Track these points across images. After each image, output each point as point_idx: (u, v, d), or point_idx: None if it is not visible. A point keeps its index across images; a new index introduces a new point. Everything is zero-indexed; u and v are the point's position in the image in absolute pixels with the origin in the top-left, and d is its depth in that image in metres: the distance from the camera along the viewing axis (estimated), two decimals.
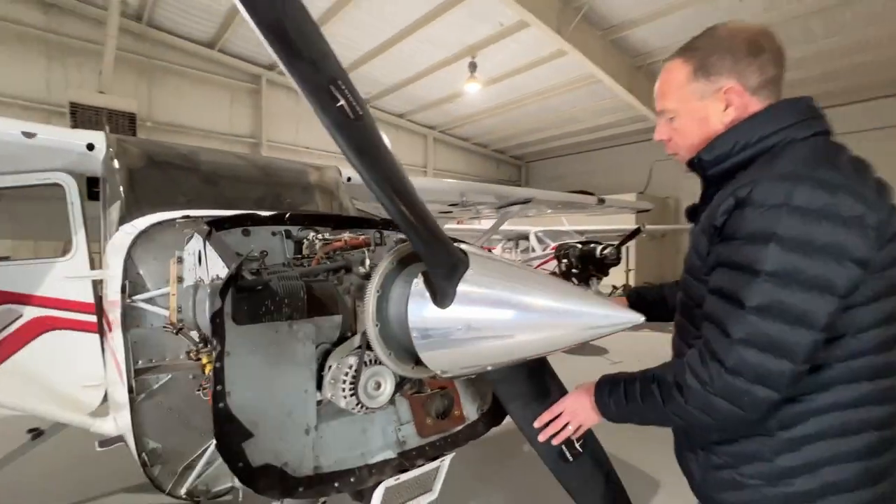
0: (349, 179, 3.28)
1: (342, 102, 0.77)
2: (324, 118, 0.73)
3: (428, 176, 14.50)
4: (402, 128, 14.78)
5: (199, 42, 10.68)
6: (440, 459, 1.43)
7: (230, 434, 1.04)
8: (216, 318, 1.04)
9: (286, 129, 12.41)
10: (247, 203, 2.44)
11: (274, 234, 1.50)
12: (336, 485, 1.24)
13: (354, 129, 0.77)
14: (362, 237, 1.42)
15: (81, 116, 8.84)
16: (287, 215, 1.53)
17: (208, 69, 11.06)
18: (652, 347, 2.73)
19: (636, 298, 1.42)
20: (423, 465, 1.38)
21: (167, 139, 10.07)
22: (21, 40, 8.82)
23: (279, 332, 1.16)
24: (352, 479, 1.27)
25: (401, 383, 1.24)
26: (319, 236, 1.47)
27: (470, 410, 1.60)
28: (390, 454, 1.38)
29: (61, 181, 2.38)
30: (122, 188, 2.19)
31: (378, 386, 1.19)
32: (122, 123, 9.23)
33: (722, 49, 0.96)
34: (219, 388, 1.02)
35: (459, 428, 1.55)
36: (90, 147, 2.31)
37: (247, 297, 1.10)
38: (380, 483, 1.29)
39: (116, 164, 2.30)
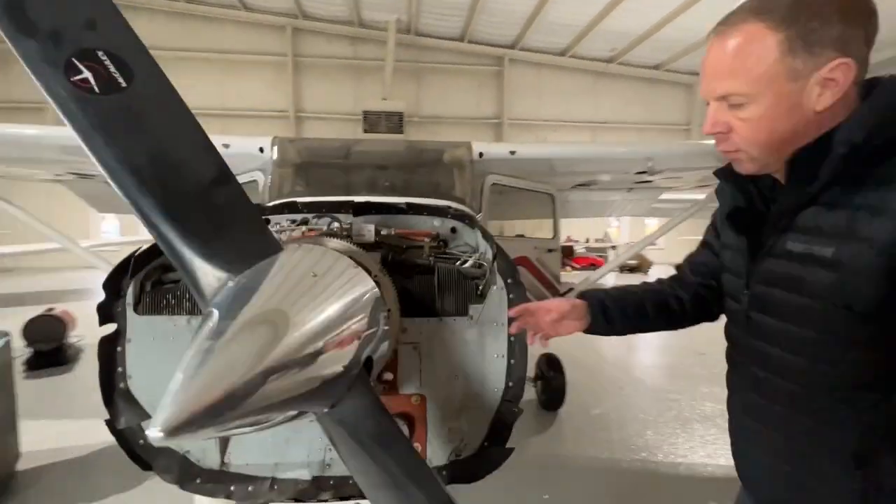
0: (481, 155, 3.05)
1: (86, 75, 0.71)
2: (51, 93, 0.69)
3: (692, 139, 11.93)
4: (659, 81, 12.59)
5: (452, 38, 12.01)
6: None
7: (127, 413, 1.14)
8: (115, 306, 1.16)
9: (527, 103, 12.65)
10: (386, 186, 2.64)
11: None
12: (232, 488, 1.21)
13: (99, 104, 0.71)
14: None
15: (369, 121, 11.37)
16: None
17: (459, 61, 12.38)
18: None
19: (599, 310, 1.08)
20: (332, 500, 1.19)
21: (428, 130, 11.86)
22: (338, 69, 12.04)
23: (177, 326, 1.20)
24: (250, 489, 1.22)
25: None
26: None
27: (438, 452, 1.27)
28: (304, 475, 1.25)
29: (256, 178, 3.12)
30: (278, 182, 2.70)
31: None
32: (394, 122, 11.37)
33: (826, 10, 0.74)
34: (119, 370, 1.13)
35: None
36: (261, 150, 2.94)
37: (150, 291, 1.19)
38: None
39: (274, 162, 2.84)
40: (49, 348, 4.53)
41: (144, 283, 1.21)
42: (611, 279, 17.34)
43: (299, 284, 0.84)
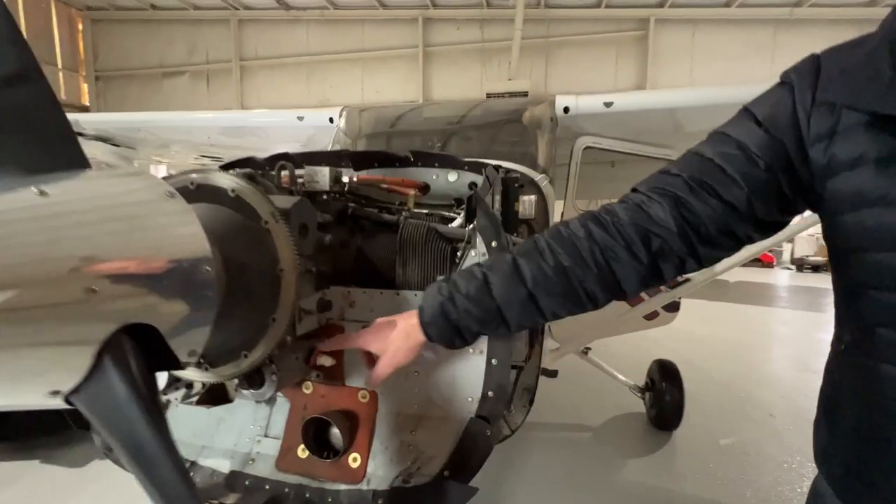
0: (567, 111, 2.50)
1: None
2: None
3: None
4: (873, 21, 9.51)
5: (586, 6, 10.88)
6: None
7: None
8: None
9: (676, 71, 10.86)
10: (462, 149, 2.38)
11: None
12: None
13: None
14: None
15: None
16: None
17: (593, 30, 11.20)
18: None
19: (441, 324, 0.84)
20: None
21: None
22: (465, 55, 11.97)
23: None
24: None
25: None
26: None
27: (380, 471, 0.96)
28: (224, 467, 1.05)
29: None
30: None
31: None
32: None
33: None
34: None
35: (341, 488, 0.97)
36: (331, 120, 2.89)
37: None
38: None
39: (342, 132, 2.76)
40: None
41: None
42: (783, 278, 14.04)
43: (76, 209, 0.60)
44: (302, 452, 1.03)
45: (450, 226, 1.09)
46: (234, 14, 12.74)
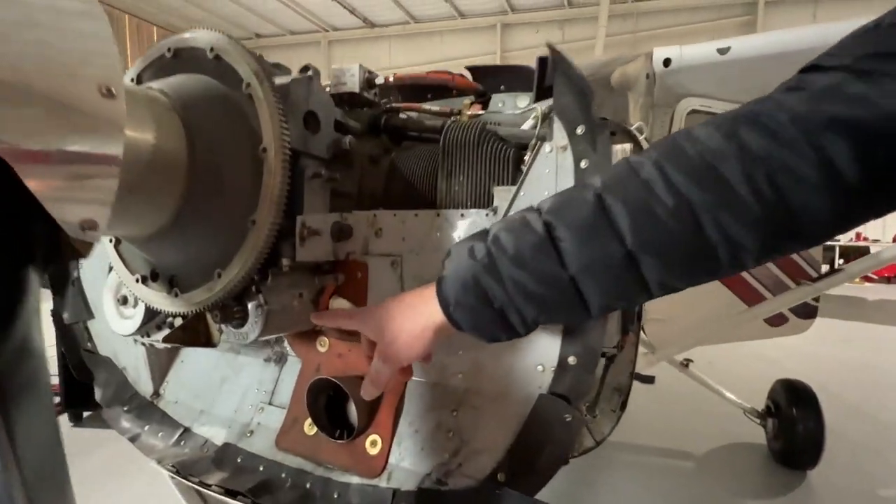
0: (667, 63, 2.08)
1: None
2: None
3: None
4: None
5: None
6: None
7: (74, 308, 0.97)
8: None
9: None
10: None
11: None
12: (138, 430, 0.88)
13: None
14: None
15: None
16: None
17: (692, 20, 10.24)
18: None
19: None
20: (218, 489, 0.73)
21: None
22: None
23: None
24: (157, 439, 0.86)
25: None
26: None
27: (407, 463, 0.69)
28: (219, 438, 0.82)
29: None
30: None
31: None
32: None
33: None
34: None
35: (353, 481, 0.71)
36: None
37: None
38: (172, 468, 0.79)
39: None
40: None
41: None
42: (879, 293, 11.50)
43: None
44: (309, 428, 0.77)
45: (515, 129, 0.79)
46: (324, 36, 13.64)
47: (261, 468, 0.76)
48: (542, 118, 0.67)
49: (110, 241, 0.71)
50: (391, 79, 0.90)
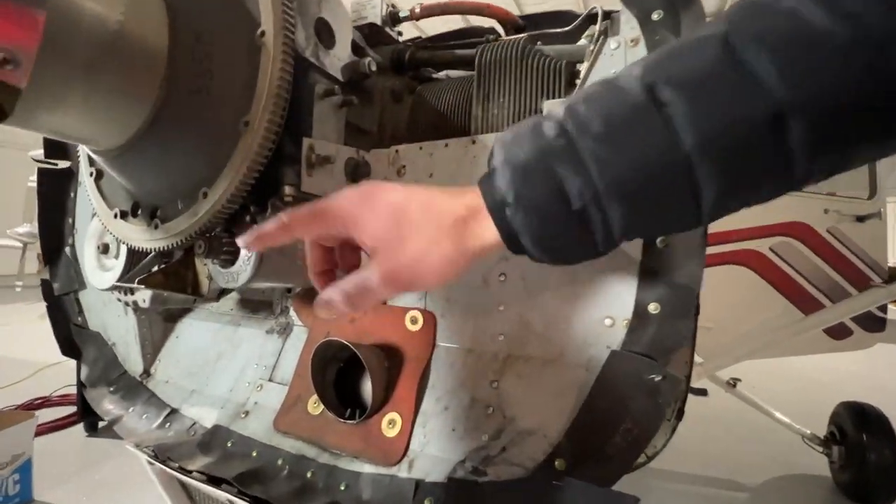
0: None
1: None
2: None
3: None
4: None
5: None
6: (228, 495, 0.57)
7: (65, 278, 0.88)
8: None
9: None
10: None
11: None
12: (120, 412, 0.77)
13: None
14: None
15: None
16: None
17: None
18: None
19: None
20: (200, 477, 0.60)
21: None
22: None
23: None
24: (140, 423, 0.74)
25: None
26: None
27: (436, 447, 0.55)
28: (209, 420, 0.70)
29: None
30: None
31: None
32: None
33: None
34: (69, 221, 0.90)
35: (364, 470, 0.57)
36: None
37: None
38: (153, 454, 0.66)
39: None
40: None
41: None
42: None
43: None
44: (314, 407, 0.63)
45: (567, 47, 0.66)
46: None
47: (254, 454, 0.62)
48: (603, 17, 0.55)
49: (91, 175, 0.61)
50: (417, 9, 0.80)
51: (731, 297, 2.28)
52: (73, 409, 2.96)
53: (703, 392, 1.72)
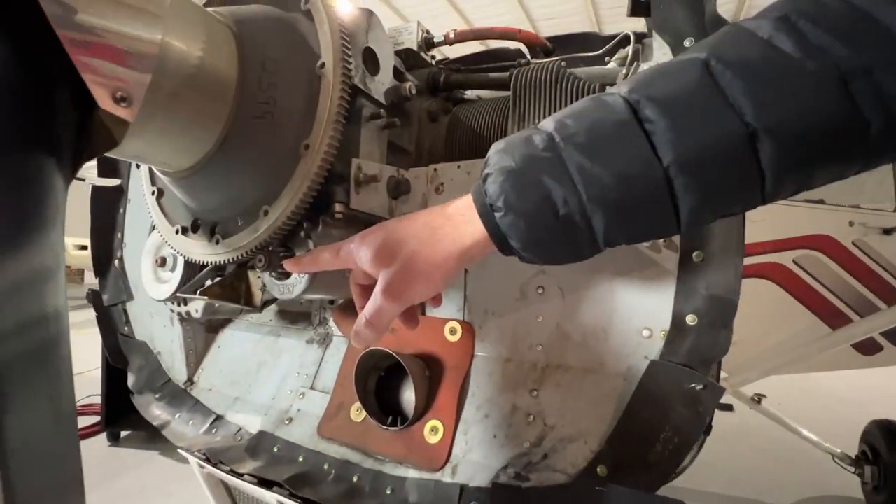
0: None
1: None
2: None
3: None
4: None
5: None
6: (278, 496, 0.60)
7: (114, 290, 0.93)
8: None
9: None
10: None
11: None
12: (168, 418, 0.80)
13: None
14: None
15: None
16: None
17: None
18: None
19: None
20: (252, 479, 0.63)
21: None
22: None
23: None
24: (187, 428, 0.77)
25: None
26: None
27: (478, 453, 0.58)
28: (254, 425, 0.73)
29: None
30: None
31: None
32: None
33: None
34: (118, 236, 0.96)
35: (409, 475, 0.60)
36: None
37: None
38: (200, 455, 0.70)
39: None
40: None
41: None
42: None
43: None
44: (357, 414, 0.66)
45: (599, 67, 0.70)
46: None
47: (300, 458, 0.65)
48: (635, 39, 0.58)
49: (152, 193, 0.66)
50: (451, 34, 0.84)
51: (755, 310, 2.24)
52: (96, 418, 3.02)
53: (728, 407, 1.70)
